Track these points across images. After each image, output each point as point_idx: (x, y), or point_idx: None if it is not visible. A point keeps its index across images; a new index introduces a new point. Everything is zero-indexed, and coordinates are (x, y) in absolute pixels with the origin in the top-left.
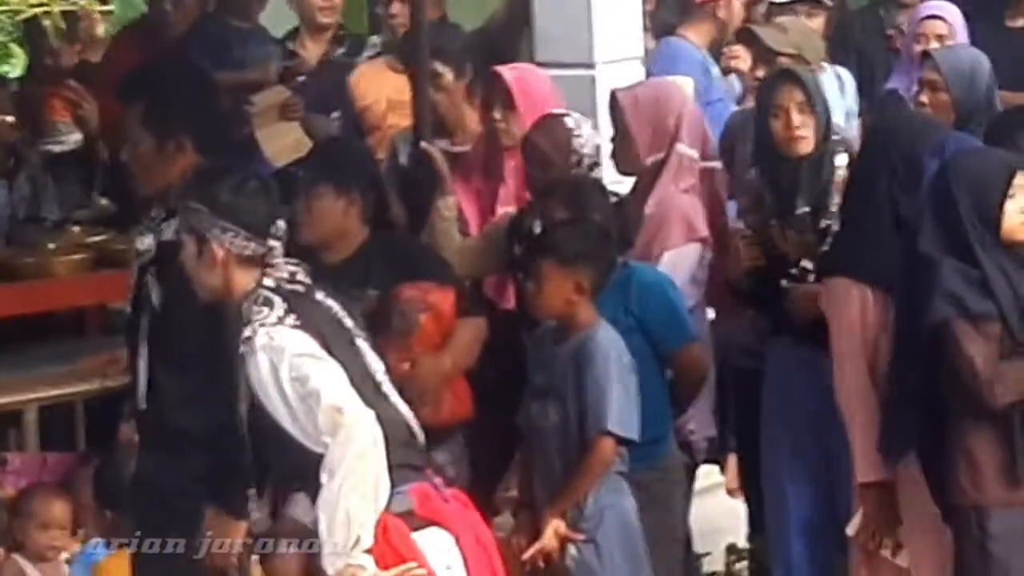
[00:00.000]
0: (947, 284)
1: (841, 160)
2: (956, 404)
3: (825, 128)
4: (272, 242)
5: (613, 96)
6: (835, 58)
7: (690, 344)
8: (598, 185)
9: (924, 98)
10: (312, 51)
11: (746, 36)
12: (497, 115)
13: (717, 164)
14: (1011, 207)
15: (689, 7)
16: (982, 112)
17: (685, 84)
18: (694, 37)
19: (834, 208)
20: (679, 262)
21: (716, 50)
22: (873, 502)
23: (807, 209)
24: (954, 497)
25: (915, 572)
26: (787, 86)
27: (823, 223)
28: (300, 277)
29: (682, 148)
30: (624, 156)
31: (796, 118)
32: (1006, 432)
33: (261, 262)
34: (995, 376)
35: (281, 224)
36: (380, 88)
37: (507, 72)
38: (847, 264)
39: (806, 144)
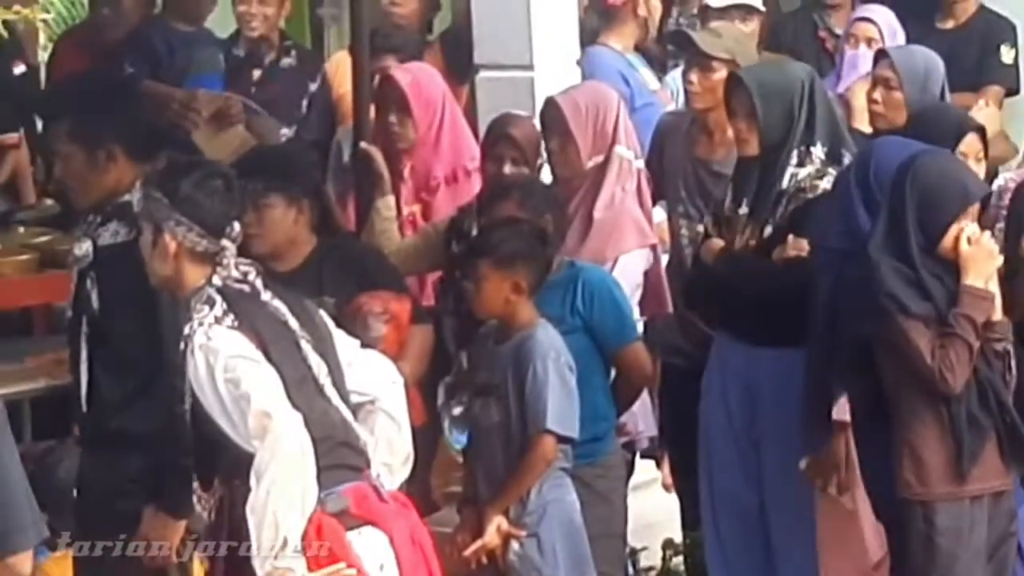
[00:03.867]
0: (888, 284)
1: (803, 171)
2: (901, 400)
3: (770, 133)
4: (225, 242)
5: (551, 102)
6: None
7: (634, 343)
8: (549, 187)
9: (877, 96)
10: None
11: (679, 39)
12: (392, 119)
13: (641, 164)
14: (954, 228)
15: (609, 12)
16: None
17: None
18: (616, 42)
19: (779, 214)
20: (631, 267)
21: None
22: None
23: (747, 211)
24: (899, 491)
25: (859, 517)
26: (732, 90)
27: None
28: (251, 278)
29: (620, 150)
30: (564, 160)
31: (741, 122)
32: (951, 427)
33: (213, 260)
34: (944, 364)
35: (236, 226)
36: None
37: (401, 76)
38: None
39: (749, 147)
